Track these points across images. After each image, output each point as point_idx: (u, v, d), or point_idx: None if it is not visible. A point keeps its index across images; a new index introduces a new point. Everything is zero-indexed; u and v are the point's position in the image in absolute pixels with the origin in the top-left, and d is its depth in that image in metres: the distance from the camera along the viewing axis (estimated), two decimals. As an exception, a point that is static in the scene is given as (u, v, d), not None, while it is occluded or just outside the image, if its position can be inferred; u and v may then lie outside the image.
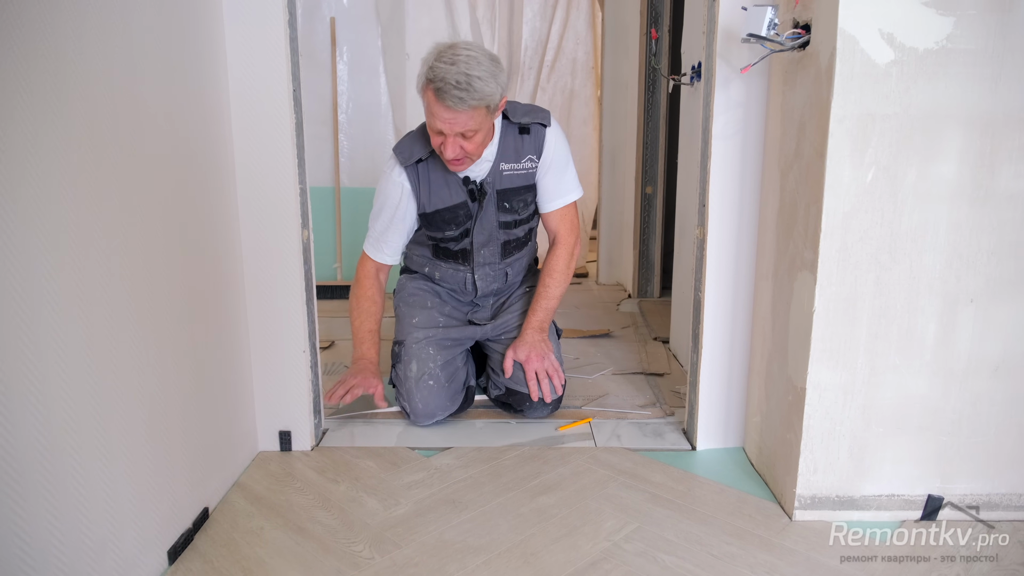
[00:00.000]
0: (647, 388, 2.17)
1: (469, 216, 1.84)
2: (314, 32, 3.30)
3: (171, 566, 1.27)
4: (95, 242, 1.05)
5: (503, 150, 1.80)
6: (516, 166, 1.81)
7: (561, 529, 1.40)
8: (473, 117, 1.60)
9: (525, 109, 1.82)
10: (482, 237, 1.89)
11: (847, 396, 1.38)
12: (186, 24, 1.36)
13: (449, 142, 1.64)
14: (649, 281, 3.40)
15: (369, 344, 1.91)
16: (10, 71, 0.87)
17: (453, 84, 1.55)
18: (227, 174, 1.56)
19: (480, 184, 1.81)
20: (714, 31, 1.55)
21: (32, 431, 0.91)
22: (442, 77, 1.55)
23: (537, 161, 1.82)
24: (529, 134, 1.80)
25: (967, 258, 1.32)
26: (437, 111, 1.60)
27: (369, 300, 1.93)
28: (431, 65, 1.58)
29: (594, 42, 3.80)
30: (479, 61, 1.58)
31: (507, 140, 1.80)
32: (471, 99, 1.56)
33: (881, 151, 1.28)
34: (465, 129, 1.62)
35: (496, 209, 1.85)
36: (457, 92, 1.55)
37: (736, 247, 1.64)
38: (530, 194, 1.87)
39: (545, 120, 1.81)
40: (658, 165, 3.27)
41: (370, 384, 1.85)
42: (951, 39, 1.24)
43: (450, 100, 1.56)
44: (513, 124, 1.79)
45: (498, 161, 1.80)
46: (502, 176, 1.81)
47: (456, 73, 1.55)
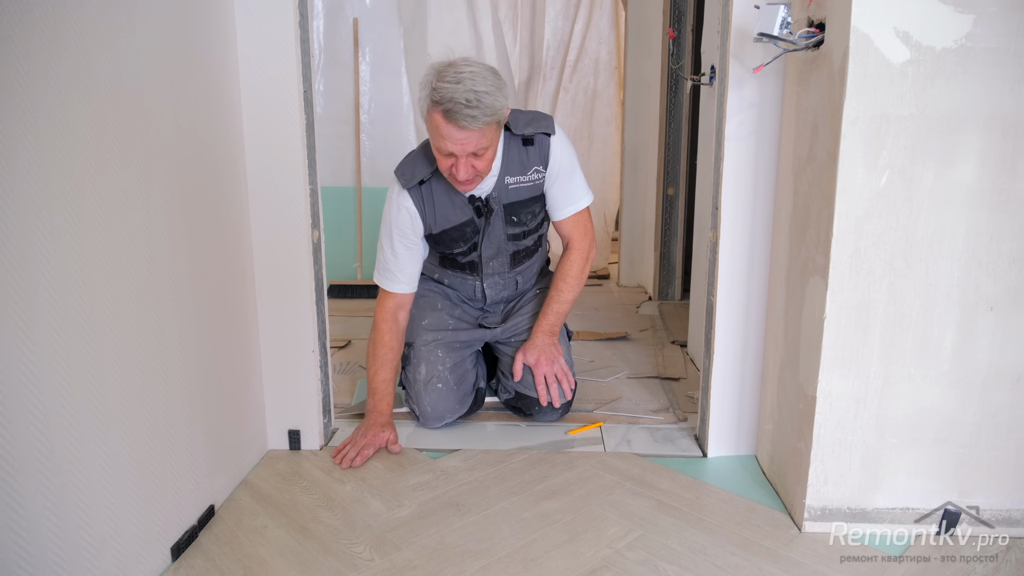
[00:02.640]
0: (661, 393, 2.14)
1: (477, 231, 1.82)
2: (337, 33, 3.33)
3: (174, 563, 1.29)
4: (99, 238, 1.07)
5: (507, 163, 1.74)
6: (522, 179, 1.76)
7: (563, 535, 1.38)
8: (484, 134, 1.55)
9: (527, 119, 1.75)
10: (490, 251, 1.87)
11: (859, 405, 1.34)
12: (197, 27, 1.38)
13: (461, 163, 1.58)
14: (670, 283, 3.36)
15: (382, 395, 1.81)
16: (11, 70, 0.89)
17: (463, 103, 1.49)
18: (238, 175, 1.57)
19: (486, 200, 1.77)
20: (728, 31, 1.52)
21: (30, 426, 0.93)
22: (450, 97, 1.49)
23: (544, 172, 1.77)
24: (533, 145, 1.74)
25: (987, 265, 1.27)
26: (448, 132, 1.54)
27: (385, 347, 1.83)
28: (434, 87, 1.52)
29: (617, 42, 3.77)
30: (483, 76, 1.53)
31: (511, 153, 1.74)
32: (483, 116, 1.51)
33: (896, 153, 1.24)
34: (477, 148, 1.56)
35: (504, 223, 1.82)
36: (468, 111, 1.50)
37: (749, 251, 1.61)
38: (537, 205, 1.83)
39: (549, 128, 1.75)
40: (680, 166, 3.23)
41: (381, 440, 1.74)
42: (971, 38, 1.19)
43: (463, 120, 1.50)
44: (516, 136, 1.73)
45: (503, 175, 1.75)
46: (508, 190, 1.77)
47: (464, 92, 1.49)
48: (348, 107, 3.39)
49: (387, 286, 1.85)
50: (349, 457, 1.67)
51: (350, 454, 1.68)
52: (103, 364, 1.08)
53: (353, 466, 1.66)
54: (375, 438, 1.73)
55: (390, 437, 1.75)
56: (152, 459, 1.22)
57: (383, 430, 1.75)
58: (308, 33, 1.61)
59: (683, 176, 3.24)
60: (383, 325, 1.85)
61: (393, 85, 3.40)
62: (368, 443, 1.71)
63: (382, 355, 1.83)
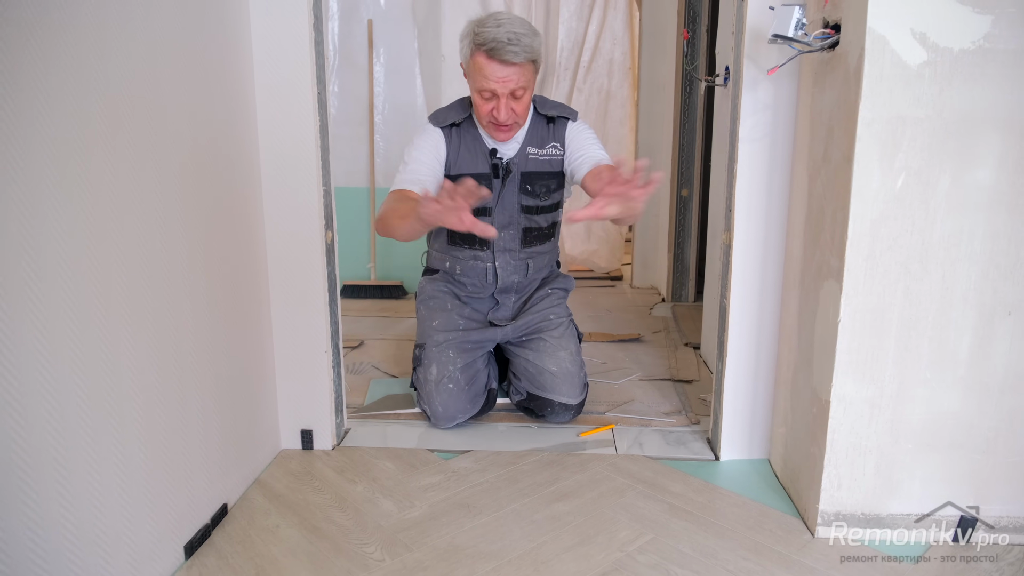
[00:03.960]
0: (674, 395, 2.13)
1: (490, 191, 1.79)
2: (351, 34, 3.34)
3: (187, 561, 1.30)
4: (116, 239, 1.08)
5: (531, 135, 1.88)
6: (541, 152, 1.88)
7: (574, 538, 1.38)
8: (524, 72, 1.70)
9: (553, 103, 1.91)
10: (503, 218, 1.91)
11: (874, 410, 1.33)
12: (213, 30, 1.39)
13: (503, 104, 1.72)
14: (684, 285, 3.34)
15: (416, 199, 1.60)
16: (30, 71, 0.90)
17: (505, 41, 1.64)
18: (252, 176, 1.58)
19: (506, 163, 1.87)
20: (742, 32, 1.51)
21: (47, 424, 0.94)
22: (493, 38, 1.64)
23: (561, 149, 1.89)
24: (555, 123, 1.89)
25: (1005, 269, 1.26)
26: (491, 71, 1.67)
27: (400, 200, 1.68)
28: (476, 32, 1.67)
29: (631, 42, 3.76)
30: (520, 21, 1.70)
31: (536, 126, 1.89)
32: (524, 52, 1.66)
33: (912, 156, 1.23)
34: (517, 86, 1.70)
35: (518, 191, 1.89)
36: (511, 47, 1.64)
37: (763, 253, 1.60)
38: (554, 181, 1.91)
39: (571, 115, 1.91)
40: (694, 168, 3.22)
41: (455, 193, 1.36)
42: (989, 39, 1.18)
43: (506, 55, 1.64)
44: (541, 115, 1.89)
45: (525, 144, 1.88)
46: (527, 159, 1.88)
47: (505, 32, 1.65)
48: (362, 108, 3.40)
49: (398, 185, 1.76)
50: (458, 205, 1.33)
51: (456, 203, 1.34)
52: (119, 364, 1.09)
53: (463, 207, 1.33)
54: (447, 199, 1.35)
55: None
56: (166, 458, 1.24)
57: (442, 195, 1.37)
58: (323, 36, 1.62)
59: (697, 177, 3.22)
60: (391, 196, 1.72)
61: (407, 86, 3.41)
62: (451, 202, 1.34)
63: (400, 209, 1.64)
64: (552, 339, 1.91)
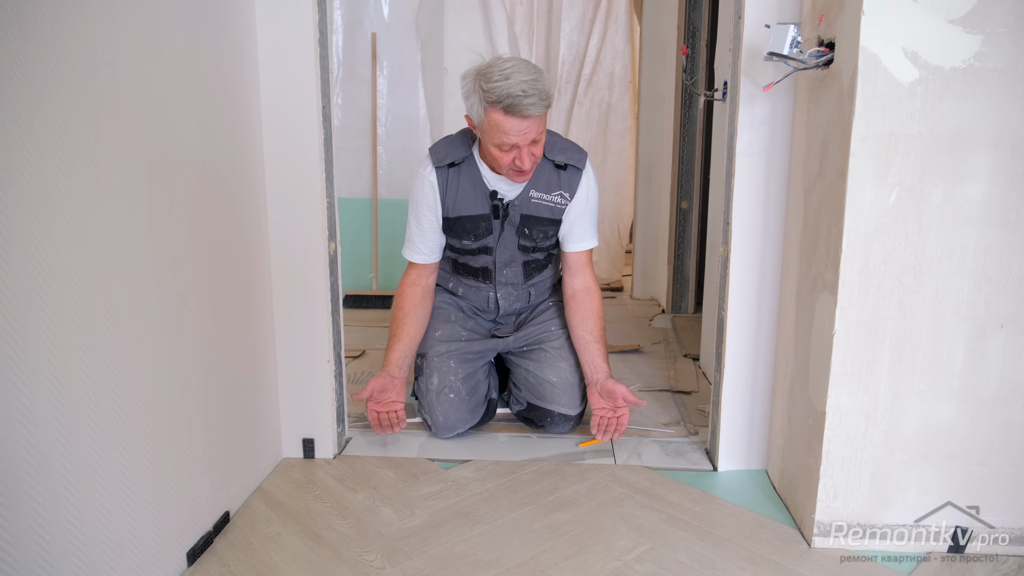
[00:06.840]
0: (673, 406, 2.14)
1: (489, 231, 1.85)
2: (356, 47, 3.38)
3: (189, 567, 1.31)
4: (124, 249, 1.10)
5: (537, 178, 1.81)
6: (546, 197, 1.82)
7: (573, 547, 1.39)
8: (542, 119, 1.64)
9: (563, 145, 1.83)
10: (505, 257, 1.90)
11: (869, 421, 1.34)
12: (220, 43, 1.42)
13: (526, 153, 1.65)
14: (683, 296, 3.36)
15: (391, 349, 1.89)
16: (40, 85, 0.92)
17: (521, 95, 1.56)
18: (257, 187, 1.61)
19: (506, 204, 1.82)
20: (739, 48, 1.53)
21: (54, 431, 0.96)
22: (507, 93, 1.56)
23: (568, 198, 1.83)
24: (566, 171, 1.82)
25: (997, 283, 1.28)
26: (511, 127, 1.60)
27: (403, 311, 1.90)
28: (485, 88, 1.58)
29: (632, 56, 3.80)
30: (526, 66, 1.61)
31: (542, 170, 1.81)
32: (541, 101, 1.59)
33: (905, 171, 1.25)
34: (537, 134, 1.64)
35: (516, 234, 1.86)
36: (527, 100, 1.56)
37: (760, 266, 1.62)
38: (552, 228, 1.86)
39: (581, 163, 1.83)
40: (694, 180, 3.24)
41: (391, 404, 1.85)
42: (979, 57, 1.20)
43: (525, 110, 1.57)
44: (548, 160, 1.81)
45: (529, 187, 1.81)
46: (530, 202, 1.82)
47: (516, 84, 1.56)
48: (365, 120, 3.44)
49: (408, 256, 1.92)
50: (387, 425, 1.84)
51: (384, 423, 1.84)
52: (125, 372, 1.11)
53: (396, 432, 1.86)
54: (388, 401, 1.85)
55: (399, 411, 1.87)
56: (170, 466, 1.25)
57: (391, 392, 1.85)
58: (327, 50, 1.65)
59: (697, 190, 3.25)
60: (403, 290, 1.92)
61: (410, 98, 3.45)
62: (383, 408, 1.84)
63: (399, 318, 1.90)
64: (553, 350, 1.93)
